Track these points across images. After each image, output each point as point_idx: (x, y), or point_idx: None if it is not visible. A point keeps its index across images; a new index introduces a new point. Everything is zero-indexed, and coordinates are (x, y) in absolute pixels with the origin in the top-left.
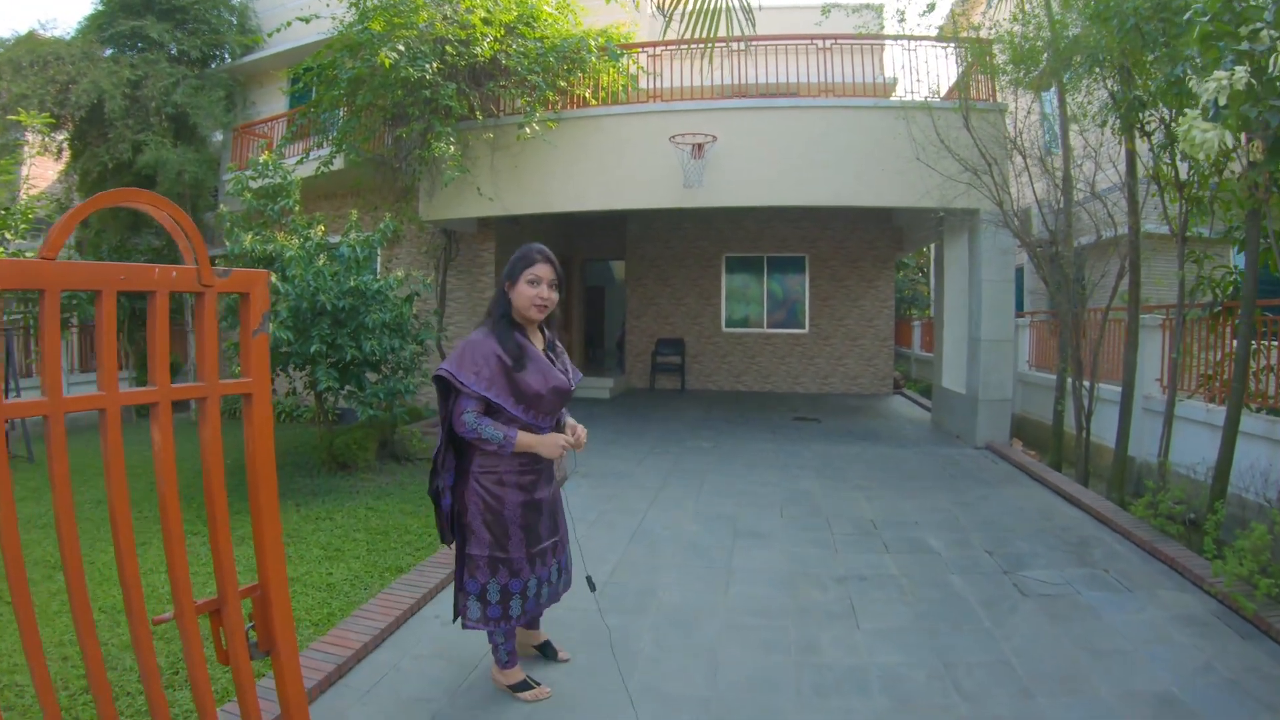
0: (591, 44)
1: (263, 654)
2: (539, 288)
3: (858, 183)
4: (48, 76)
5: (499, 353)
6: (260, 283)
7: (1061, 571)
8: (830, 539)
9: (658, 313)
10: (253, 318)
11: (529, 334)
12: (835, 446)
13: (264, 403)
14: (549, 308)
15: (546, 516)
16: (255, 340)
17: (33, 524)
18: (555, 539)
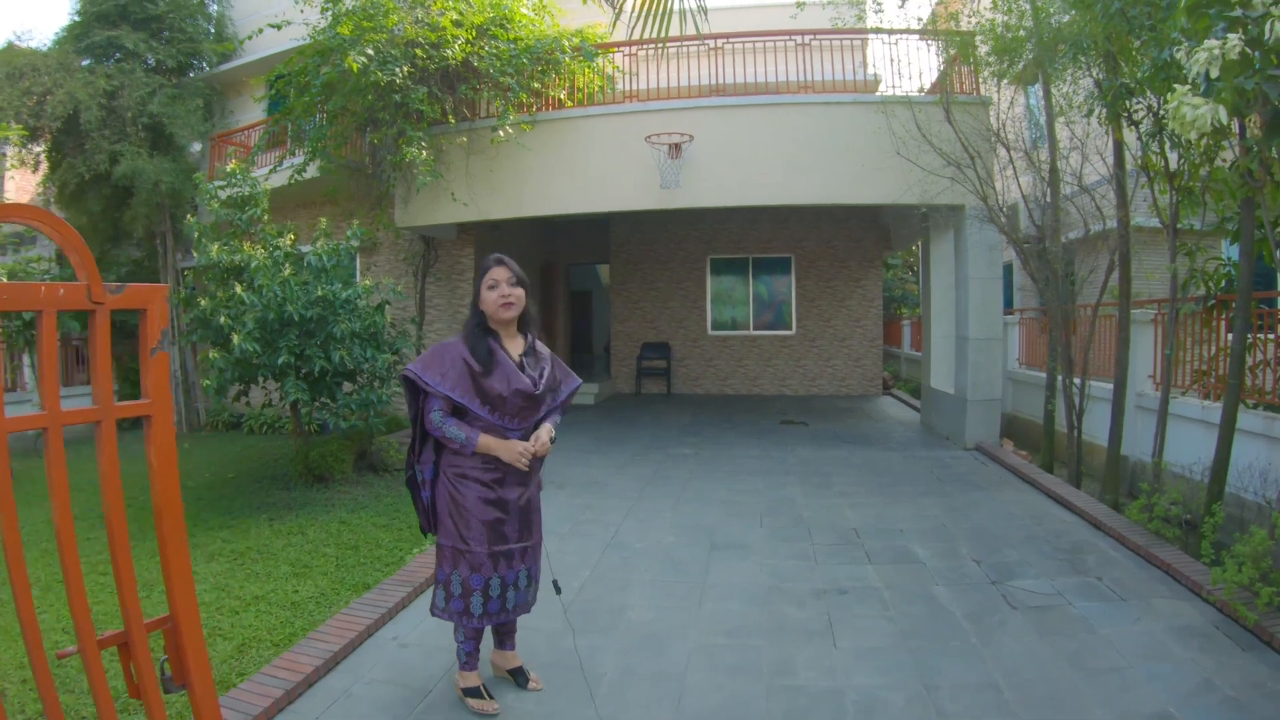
0: (565, 44)
1: (178, 688)
2: (499, 289)
3: (839, 180)
4: (23, 88)
5: (467, 357)
6: (158, 298)
7: (1053, 581)
8: (811, 550)
9: (643, 317)
10: (150, 335)
11: (506, 339)
12: (821, 451)
13: (165, 425)
14: (516, 304)
15: (515, 518)
16: (154, 359)
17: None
18: (526, 544)
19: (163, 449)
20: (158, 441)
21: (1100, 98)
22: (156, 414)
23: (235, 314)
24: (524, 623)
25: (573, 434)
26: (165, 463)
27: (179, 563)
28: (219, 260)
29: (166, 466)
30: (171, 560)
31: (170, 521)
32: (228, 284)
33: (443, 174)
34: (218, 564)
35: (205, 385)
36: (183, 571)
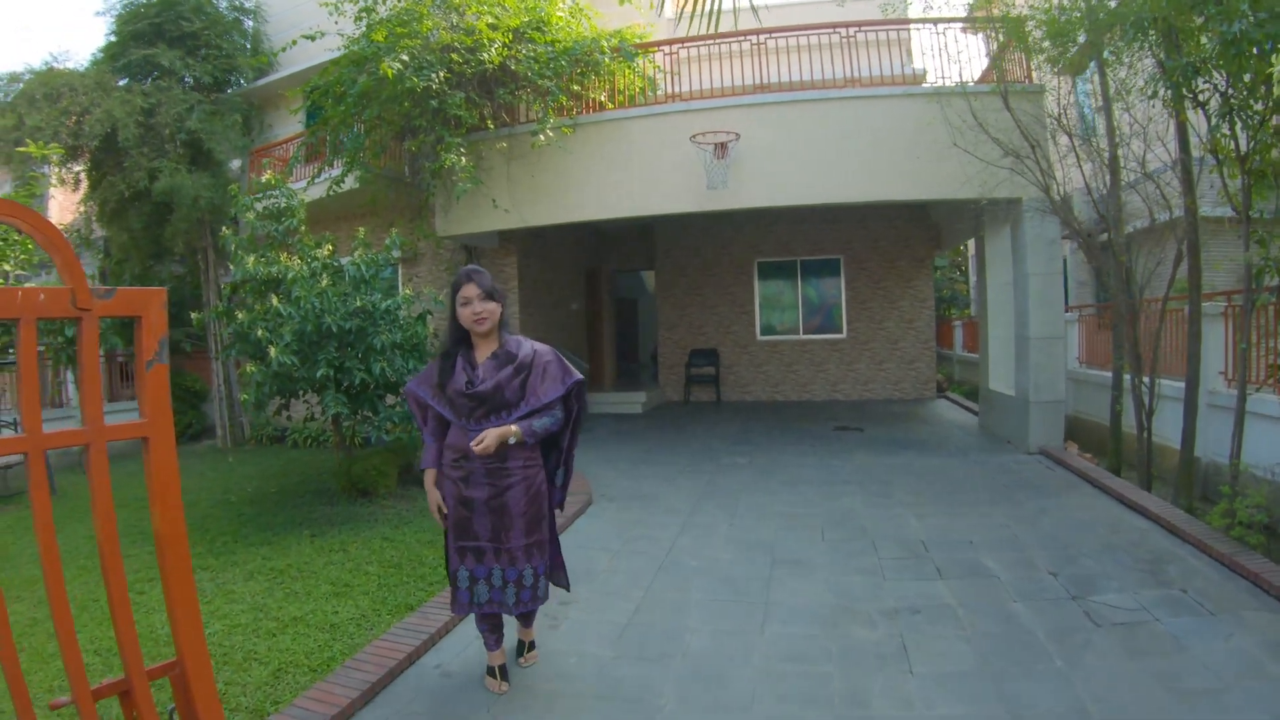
0: (604, 45)
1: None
2: (470, 305)
3: (890, 177)
4: (61, 108)
5: (439, 368)
6: (155, 303)
7: (1135, 594)
8: (877, 565)
9: (690, 323)
10: (146, 345)
11: (481, 345)
12: (879, 458)
13: (165, 448)
14: (488, 318)
15: (482, 516)
16: (151, 373)
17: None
18: (500, 546)
19: (163, 474)
20: (157, 466)
21: (1164, 78)
22: (154, 435)
23: (272, 327)
24: (573, 648)
25: (621, 444)
26: (166, 490)
27: (185, 601)
28: (255, 273)
29: (168, 494)
30: (177, 598)
31: (174, 555)
32: (265, 297)
33: (483, 181)
34: (256, 583)
35: (243, 400)
36: (190, 611)
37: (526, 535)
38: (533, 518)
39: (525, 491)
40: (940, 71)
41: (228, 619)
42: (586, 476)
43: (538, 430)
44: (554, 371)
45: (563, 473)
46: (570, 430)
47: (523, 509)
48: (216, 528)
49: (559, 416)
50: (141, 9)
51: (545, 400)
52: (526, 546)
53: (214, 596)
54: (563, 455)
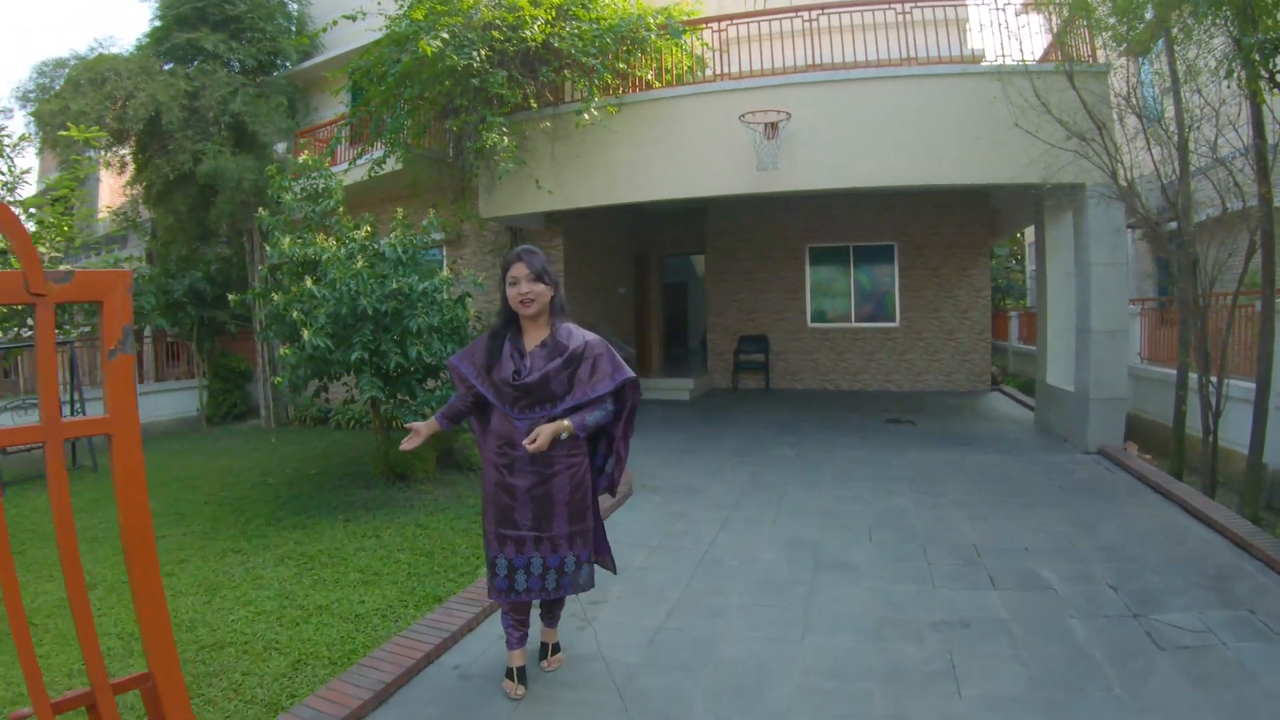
0: (650, 22)
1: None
2: (517, 286)
3: (948, 160)
4: (106, 92)
5: (486, 348)
6: (119, 287)
7: (1202, 614)
8: (927, 571)
9: (740, 309)
10: (109, 333)
11: (529, 330)
12: (931, 454)
13: (129, 446)
14: (535, 299)
15: (525, 505)
16: (114, 364)
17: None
18: (542, 534)
19: (128, 474)
20: (121, 465)
21: (1239, 57)
22: (118, 432)
23: (307, 309)
24: (601, 653)
25: (667, 432)
26: (132, 491)
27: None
28: (291, 254)
29: (134, 495)
30: (146, 608)
31: (141, 562)
32: (300, 278)
33: (526, 161)
34: (286, 568)
35: (277, 382)
36: (160, 621)
37: (570, 523)
38: (577, 506)
39: (569, 480)
40: (998, 51)
41: (253, 605)
42: (629, 466)
43: (589, 425)
44: (604, 366)
45: (613, 460)
46: (624, 421)
47: (566, 497)
48: (252, 509)
49: (609, 409)
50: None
51: (593, 395)
52: (570, 534)
53: (242, 581)
54: (613, 443)
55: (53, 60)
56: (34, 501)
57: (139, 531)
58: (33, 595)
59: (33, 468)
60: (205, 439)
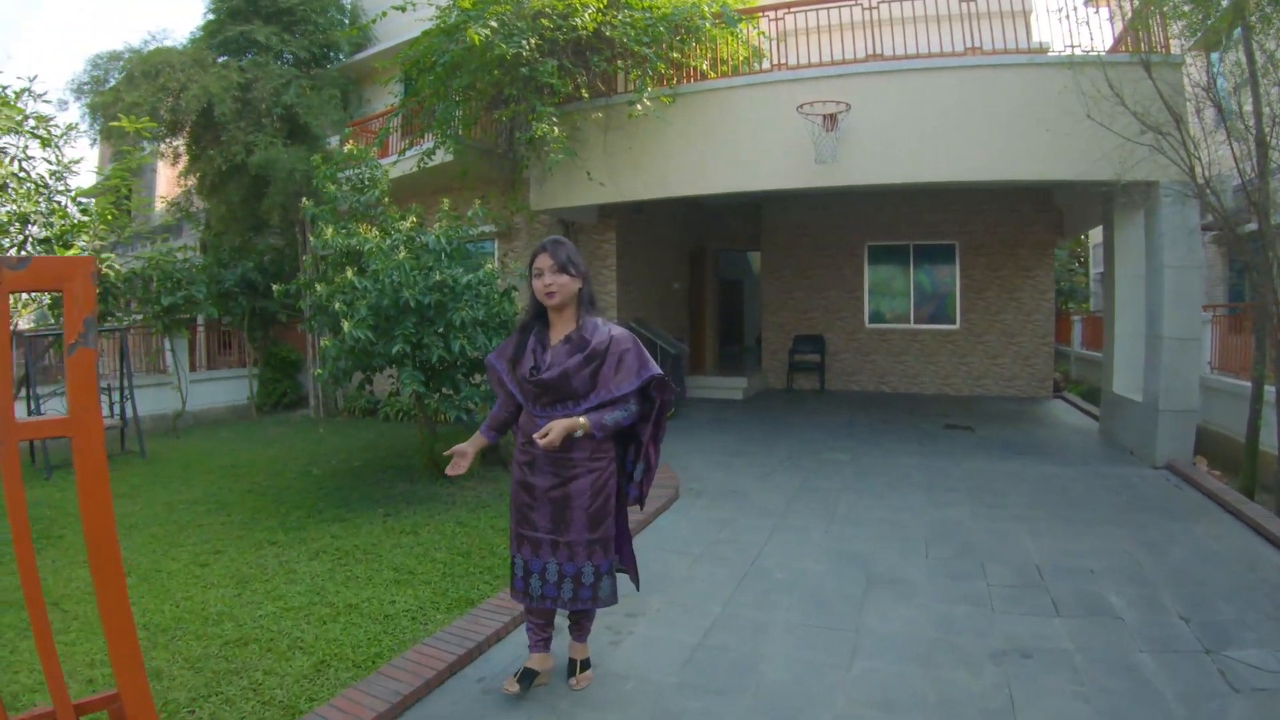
0: (705, 10)
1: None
2: (541, 277)
3: (1016, 155)
4: (159, 84)
5: (515, 342)
6: (79, 274)
7: (1277, 652)
8: (985, 592)
9: (796, 307)
10: (70, 324)
11: (556, 323)
12: (991, 463)
13: (92, 449)
14: (559, 292)
15: (544, 506)
16: (74, 359)
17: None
18: (559, 539)
19: (91, 479)
20: (84, 469)
21: None
22: (80, 434)
23: (349, 300)
24: (633, 671)
25: (717, 432)
26: (95, 497)
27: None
28: (334, 244)
29: (97, 502)
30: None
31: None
32: (343, 269)
33: (577, 152)
34: (319, 563)
35: (317, 374)
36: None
37: (590, 530)
38: (597, 513)
39: (591, 484)
40: (1065, 42)
41: (283, 601)
42: (675, 468)
43: (608, 424)
44: (630, 362)
45: (642, 467)
46: (652, 424)
47: (586, 502)
48: (293, 500)
49: (632, 410)
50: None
51: (616, 394)
52: (589, 543)
53: (274, 575)
54: (641, 449)
55: (107, 53)
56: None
57: (104, 542)
58: (66, 580)
59: None
60: (254, 427)
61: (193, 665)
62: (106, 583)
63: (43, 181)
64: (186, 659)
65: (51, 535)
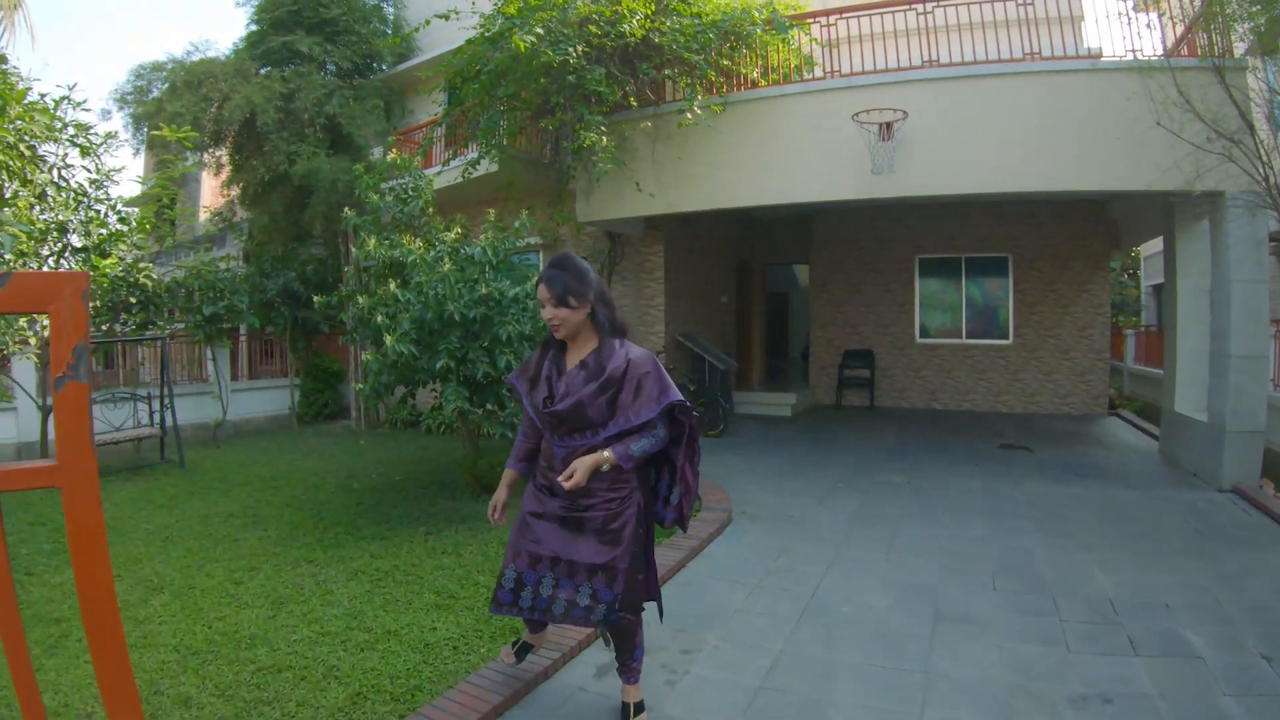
0: (755, 16)
1: None
2: (545, 310)
3: (1076, 164)
4: (201, 95)
5: (536, 360)
6: (67, 294)
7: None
8: (1059, 629)
9: (845, 321)
10: (57, 352)
11: (573, 347)
12: (1053, 486)
13: (86, 502)
14: (562, 325)
15: (552, 525)
16: (63, 394)
17: (156, 537)
18: (560, 558)
19: (84, 532)
20: (77, 525)
21: None
22: (71, 484)
23: (392, 313)
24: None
25: (767, 451)
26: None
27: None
28: (377, 255)
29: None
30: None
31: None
32: (386, 281)
33: (625, 162)
34: (358, 584)
35: (359, 389)
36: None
37: (596, 555)
38: (609, 539)
39: (606, 514)
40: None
41: (319, 625)
42: (727, 489)
43: (635, 454)
44: (649, 388)
45: (680, 490)
46: (685, 447)
47: (598, 526)
48: (332, 516)
49: (660, 435)
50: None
51: (636, 421)
52: (592, 567)
53: (311, 596)
54: (677, 472)
55: (150, 64)
56: (116, 495)
57: (100, 599)
58: None
59: (123, 460)
60: (295, 438)
61: (223, 693)
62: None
63: (82, 190)
64: (217, 685)
65: None
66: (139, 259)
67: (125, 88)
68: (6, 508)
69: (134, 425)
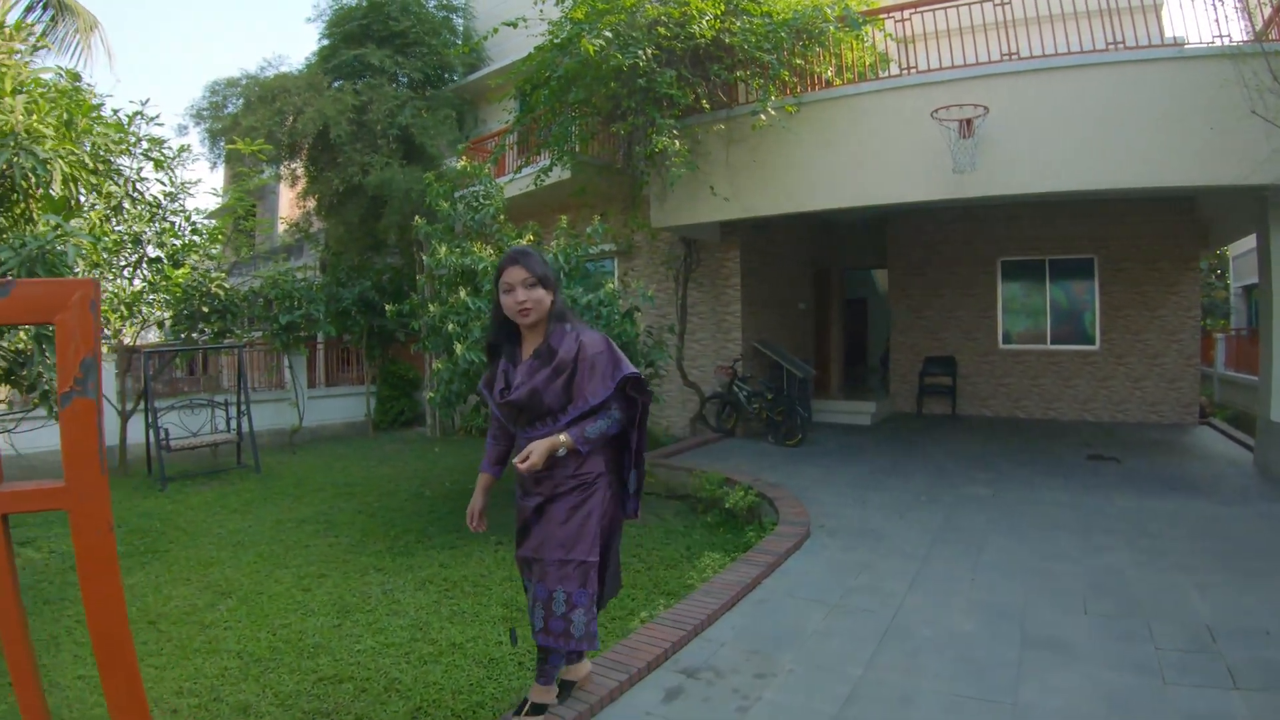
0: (828, 13)
1: None
2: (513, 294)
3: (1164, 158)
4: (275, 109)
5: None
6: (74, 303)
7: None
8: (1154, 658)
9: (925, 327)
10: (63, 367)
11: (526, 340)
12: (1144, 500)
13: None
14: (532, 309)
15: (530, 525)
16: (70, 411)
17: (228, 541)
18: (534, 559)
19: (95, 562)
20: (86, 550)
21: None
22: (79, 507)
23: (463, 321)
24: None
25: (846, 462)
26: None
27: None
28: (447, 263)
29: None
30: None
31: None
32: (457, 289)
33: (699, 166)
34: (426, 594)
35: (430, 398)
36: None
37: (564, 549)
38: (573, 532)
39: (571, 504)
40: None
41: (384, 635)
42: (805, 501)
43: (591, 436)
44: (602, 366)
45: (635, 475)
46: (638, 427)
47: (561, 517)
48: (404, 524)
49: (616, 417)
50: (350, 11)
51: (593, 402)
52: (561, 562)
53: (377, 605)
54: (633, 456)
55: (225, 80)
56: (192, 499)
57: (113, 635)
58: (165, 599)
59: (201, 464)
60: (370, 445)
61: (282, 702)
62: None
63: (156, 202)
64: (276, 695)
65: (158, 550)
66: (209, 269)
67: (201, 104)
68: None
69: (211, 431)
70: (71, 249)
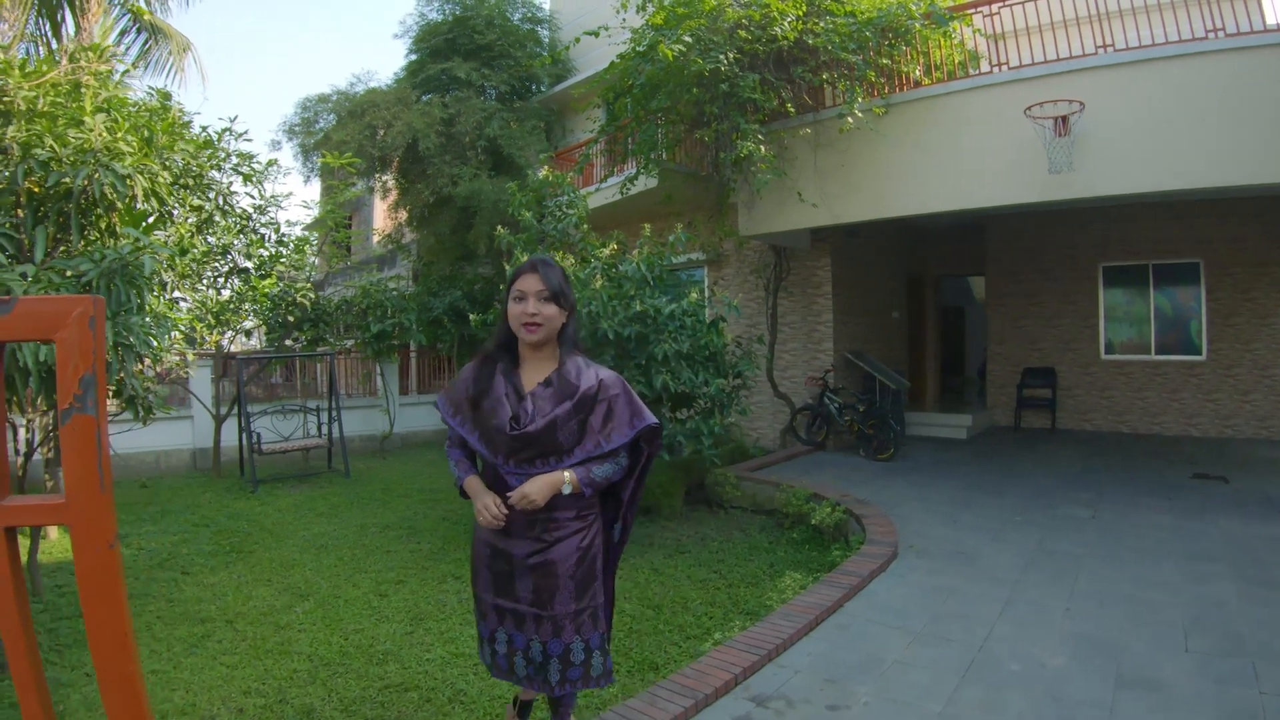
0: (913, 10)
1: None
2: (524, 303)
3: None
4: (364, 123)
5: (474, 377)
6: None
7: None
8: (1258, 704)
9: (1024, 337)
10: (63, 383)
11: (531, 362)
12: (1253, 525)
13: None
14: (542, 325)
15: (524, 575)
16: (72, 427)
17: (312, 544)
18: (543, 613)
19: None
20: (87, 568)
21: None
22: (81, 523)
23: None
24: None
25: (940, 477)
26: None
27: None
28: None
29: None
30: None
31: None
32: None
33: (786, 172)
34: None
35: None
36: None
37: (576, 599)
38: (584, 579)
39: (576, 546)
40: None
41: (454, 645)
42: (894, 519)
43: (597, 479)
44: (620, 411)
45: (620, 528)
46: (636, 479)
47: (571, 568)
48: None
49: (623, 464)
50: (436, 26)
51: (607, 447)
52: (576, 613)
53: (451, 614)
54: (623, 507)
55: (315, 96)
56: (281, 501)
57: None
58: (245, 598)
59: (292, 468)
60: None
61: (346, 708)
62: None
63: (246, 215)
64: (341, 700)
65: (243, 550)
66: (294, 279)
67: (293, 120)
68: (171, 508)
69: (303, 435)
70: (148, 260)
